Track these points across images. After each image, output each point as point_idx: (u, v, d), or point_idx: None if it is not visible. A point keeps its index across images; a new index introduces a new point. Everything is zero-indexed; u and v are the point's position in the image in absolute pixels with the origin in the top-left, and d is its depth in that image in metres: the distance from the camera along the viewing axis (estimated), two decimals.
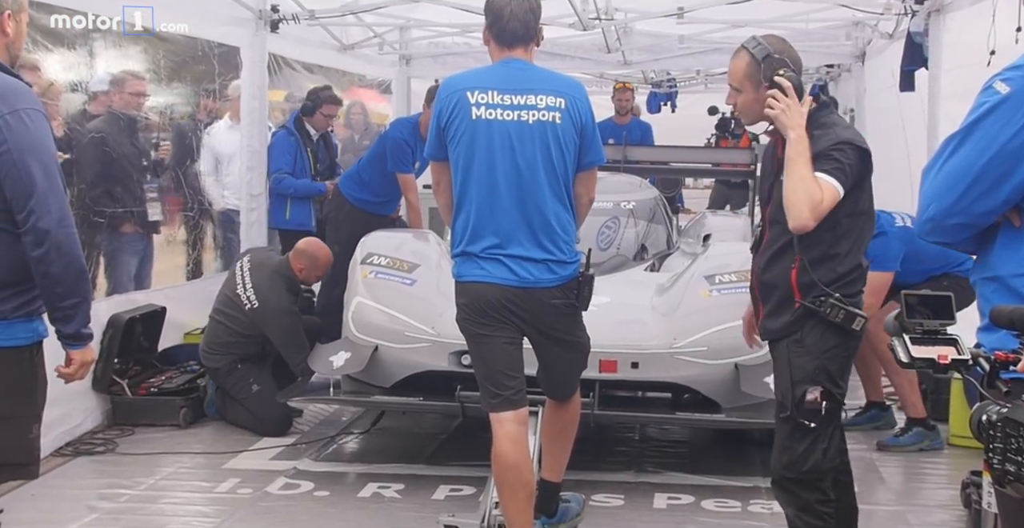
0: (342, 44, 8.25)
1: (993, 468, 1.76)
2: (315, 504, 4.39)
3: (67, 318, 2.98)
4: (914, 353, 1.87)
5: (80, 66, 5.84)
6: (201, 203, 6.99)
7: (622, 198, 6.07)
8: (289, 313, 5.44)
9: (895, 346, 1.89)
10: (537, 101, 3.44)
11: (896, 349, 1.89)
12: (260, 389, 5.37)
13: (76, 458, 4.94)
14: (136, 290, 5.85)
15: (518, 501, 3.47)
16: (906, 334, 1.89)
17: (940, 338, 1.89)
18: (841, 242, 2.99)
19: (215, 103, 7.21)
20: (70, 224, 2.92)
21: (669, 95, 12.63)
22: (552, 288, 3.46)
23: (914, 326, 1.89)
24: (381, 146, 6.63)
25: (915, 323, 1.90)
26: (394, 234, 5.67)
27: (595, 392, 4.43)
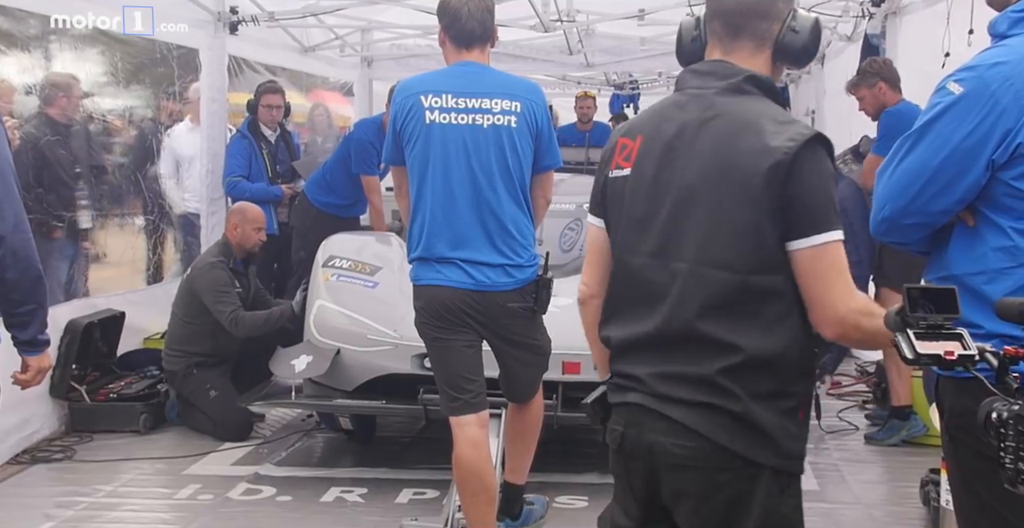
0: (303, 46, 8.20)
1: (1005, 468, 1.68)
2: (277, 509, 4.36)
3: (24, 324, 2.95)
4: (919, 349, 1.76)
5: (35, 69, 5.78)
6: (161, 206, 6.92)
7: (584, 200, 6.04)
8: (213, 266, 5.40)
9: (899, 342, 1.79)
10: (492, 105, 3.44)
11: (900, 345, 1.79)
12: (218, 395, 5.33)
13: (33, 466, 4.87)
14: (68, 299, 5.71)
15: (480, 505, 3.47)
16: (910, 329, 1.78)
17: (944, 333, 1.79)
18: None
19: (177, 105, 7.15)
20: (26, 230, 2.89)
21: (632, 97, 12.67)
22: (509, 291, 3.46)
23: (917, 320, 1.78)
24: (345, 148, 6.59)
25: (918, 317, 1.79)
26: (356, 237, 5.65)
27: (558, 394, 4.43)
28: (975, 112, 2.14)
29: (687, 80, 2.11)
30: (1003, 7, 2.26)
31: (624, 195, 2.09)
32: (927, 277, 2.33)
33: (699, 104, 2.05)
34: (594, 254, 2.22)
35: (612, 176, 2.12)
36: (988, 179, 2.17)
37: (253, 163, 6.57)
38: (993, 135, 2.13)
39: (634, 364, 2.06)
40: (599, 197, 2.17)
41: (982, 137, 2.13)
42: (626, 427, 2.05)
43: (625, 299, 2.11)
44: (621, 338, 2.09)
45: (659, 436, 2.00)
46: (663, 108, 2.12)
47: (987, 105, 2.13)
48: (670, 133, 2.05)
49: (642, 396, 2.03)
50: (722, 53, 2.09)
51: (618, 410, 2.09)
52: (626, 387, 2.07)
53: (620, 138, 2.13)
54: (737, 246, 1.98)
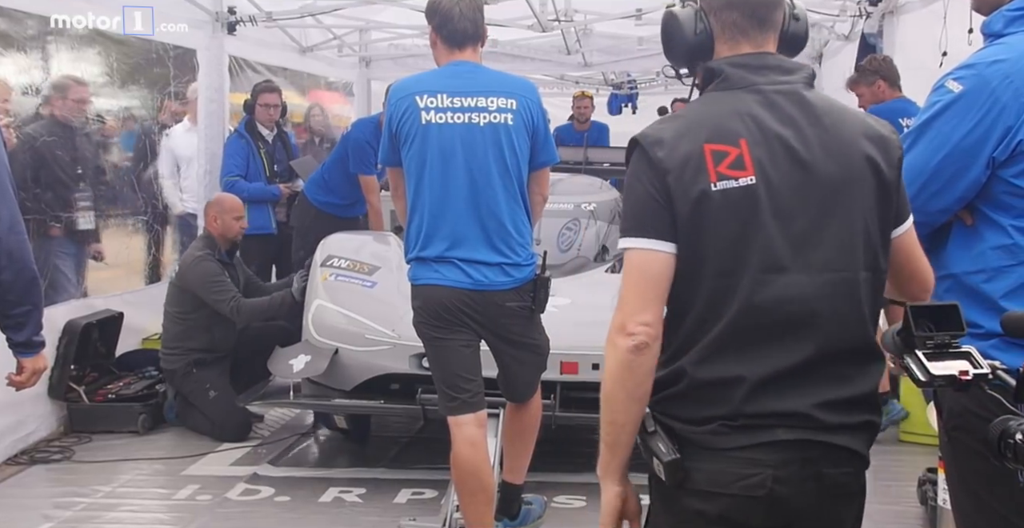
0: (301, 46, 8.20)
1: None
2: (275, 509, 4.36)
3: (19, 325, 2.95)
4: (933, 371, 1.68)
5: (33, 69, 5.77)
6: (159, 207, 6.92)
7: (583, 199, 6.08)
8: (201, 260, 5.41)
9: (909, 364, 1.72)
10: (488, 103, 3.43)
11: (911, 368, 1.71)
12: (217, 395, 5.33)
13: (31, 466, 4.87)
14: (70, 299, 5.69)
15: (478, 505, 3.47)
16: (918, 350, 1.71)
17: (952, 352, 1.71)
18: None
19: (180, 106, 7.15)
20: (21, 231, 2.89)
21: (630, 97, 12.67)
22: (507, 291, 3.45)
23: (923, 340, 1.71)
24: (343, 148, 6.59)
25: (925, 337, 1.71)
26: (354, 236, 5.65)
27: (556, 394, 4.43)
28: (975, 110, 2.14)
29: (746, 76, 1.88)
30: (992, 10, 2.26)
31: (749, 207, 1.80)
32: None
33: (792, 100, 1.88)
34: (655, 287, 1.81)
35: (719, 189, 1.80)
36: (988, 177, 2.17)
37: (250, 163, 6.57)
38: (993, 133, 2.13)
39: (784, 399, 1.81)
40: (686, 216, 1.80)
41: (982, 135, 2.13)
42: (778, 468, 1.80)
43: (752, 329, 1.81)
44: (762, 375, 1.80)
45: (827, 468, 1.83)
46: (742, 107, 1.86)
47: (987, 103, 2.13)
48: (785, 133, 1.84)
49: (800, 431, 1.81)
50: (752, 46, 1.92)
51: (760, 451, 1.81)
52: (768, 425, 1.81)
53: (706, 145, 1.81)
54: (875, 243, 1.87)
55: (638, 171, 1.85)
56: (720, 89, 1.90)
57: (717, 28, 1.92)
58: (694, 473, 1.81)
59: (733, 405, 1.81)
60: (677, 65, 2.01)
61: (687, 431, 1.83)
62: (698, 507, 1.83)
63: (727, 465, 1.81)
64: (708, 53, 1.93)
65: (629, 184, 1.88)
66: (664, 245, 1.81)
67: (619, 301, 1.83)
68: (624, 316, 1.81)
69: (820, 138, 1.86)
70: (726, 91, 1.89)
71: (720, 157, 1.81)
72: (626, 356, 1.80)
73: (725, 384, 1.81)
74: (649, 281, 1.82)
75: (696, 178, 1.80)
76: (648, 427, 1.85)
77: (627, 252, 1.85)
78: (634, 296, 1.82)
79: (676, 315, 1.84)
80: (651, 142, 1.84)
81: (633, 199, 1.85)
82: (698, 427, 1.82)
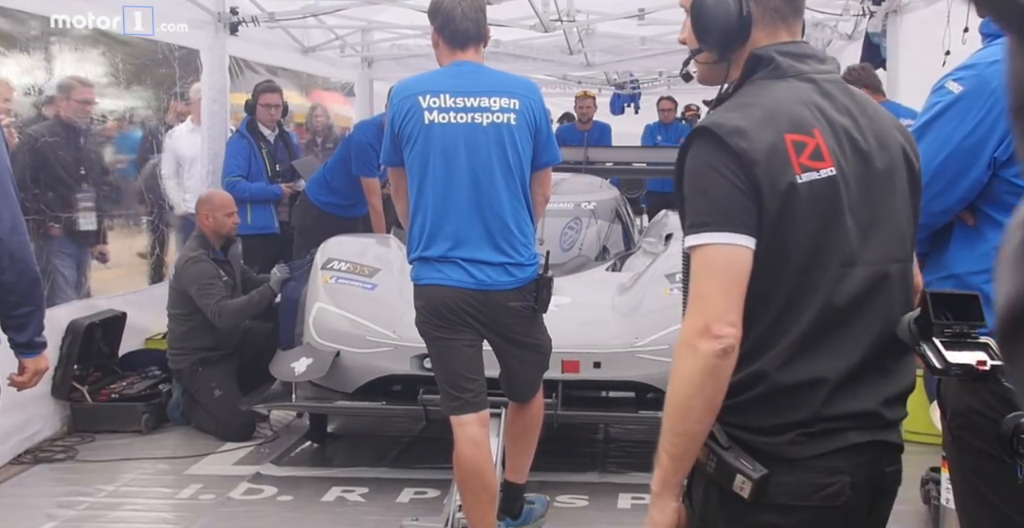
0: (303, 47, 8.21)
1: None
2: (278, 509, 4.36)
3: (20, 326, 2.95)
4: (949, 359, 1.64)
5: (36, 70, 5.78)
6: (162, 207, 6.93)
7: (583, 199, 6.09)
8: (195, 260, 5.42)
9: (925, 351, 1.68)
10: (491, 103, 3.44)
11: (927, 354, 1.67)
12: (223, 394, 5.34)
13: (35, 466, 4.88)
14: (72, 299, 5.72)
15: (481, 504, 3.47)
16: (935, 338, 1.67)
17: (971, 342, 1.67)
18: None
19: (180, 105, 7.16)
20: (23, 232, 2.89)
21: (632, 97, 12.70)
22: (510, 290, 3.46)
23: (942, 328, 1.67)
24: (346, 149, 6.59)
25: (943, 325, 1.67)
26: (355, 239, 5.65)
27: (558, 393, 4.44)
28: (976, 110, 2.14)
29: (794, 65, 1.82)
30: None
31: (831, 199, 1.73)
32: (926, 278, 2.32)
33: (839, 90, 1.83)
34: (740, 285, 1.68)
35: (804, 181, 1.71)
36: (990, 177, 2.16)
37: (252, 163, 6.58)
38: (994, 133, 2.12)
39: (857, 399, 1.75)
40: (774, 210, 1.70)
41: (983, 135, 2.13)
42: (853, 474, 1.74)
43: (831, 326, 1.73)
44: (840, 374, 1.73)
45: (887, 466, 1.81)
46: (804, 96, 1.79)
47: (988, 103, 2.13)
48: (846, 124, 1.78)
49: (868, 432, 1.76)
50: (788, 34, 1.85)
51: (836, 458, 1.74)
52: (841, 429, 1.74)
53: (787, 135, 1.73)
54: (910, 235, 1.85)
55: (715, 162, 1.71)
56: (771, 77, 1.81)
57: (758, 13, 1.83)
58: (769, 486, 1.71)
59: (814, 408, 1.72)
60: (709, 48, 1.88)
61: (761, 443, 1.73)
62: (774, 521, 1.74)
63: (806, 476, 1.73)
64: (744, 38, 1.84)
65: (702, 175, 1.73)
66: (749, 240, 1.69)
67: (697, 301, 1.69)
68: (709, 317, 1.66)
69: (871, 128, 1.82)
70: (779, 79, 1.81)
71: (801, 147, 1.73)
72: (710, 361, 1.66)
73: (807, 386, 1.73)
74: (735, 278, 1.69)
75: (783, 170, 1.70)
76: (723, 442, 1.74)
77: (706, 248, 1.70)
78: (719, 295, 1.68)
79: (748, 314, 1.71)
80: (729, 131, 1.71)
81: (712, 191, 1.71)
82: (773, 437, 1.73)
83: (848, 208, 1.74)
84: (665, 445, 1.74)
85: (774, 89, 1.79)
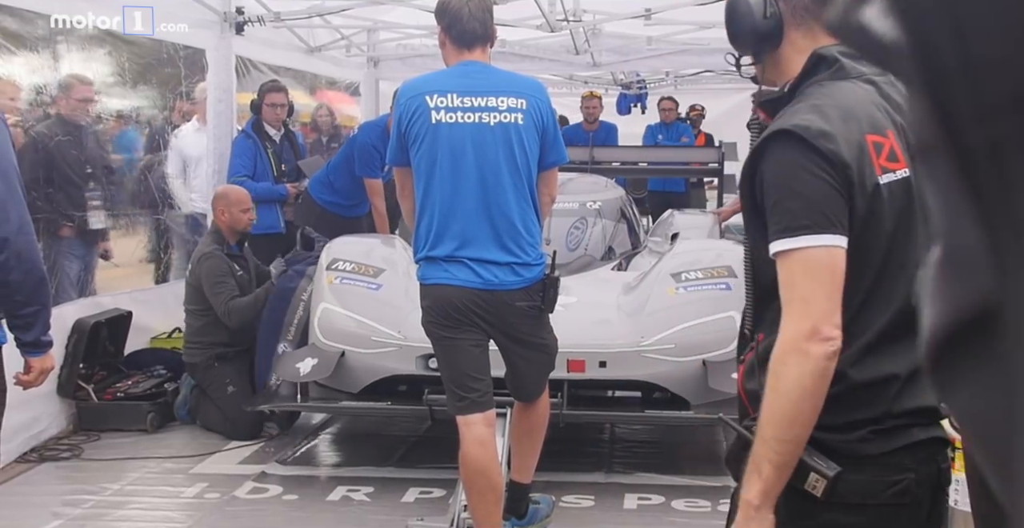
0: (309, 46, 8.21)
1: None
2: (283, 508, 4.37)
3: (27, 326, 2.96)
4: None
5: (44, 69, 5.79)
6: (168, 206, 6.93)
7: (588, 198, 6.09)
8: (209, 256, 5.45)
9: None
10: (498, 103, 3.44)
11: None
12: (235, 391, 5.35)
13: (41, 464, 4.89)
14: (79, 297, 5.73)
15: (487, 504, 3.47)
16: None
17: None
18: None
19: (186, 105, 7.16)
20: (30, 232, 2.90)
21: (639, 97, 12.67)
22: (516, 290, 3.45)
23: None
24: (349, 150, 6.60)
25: None
26: (360, 239, 5.65)
27: (563, 392, 4.43)
28: None
29: (856, 66, 1.80)
30: None
31: (906, 200, 1.74)
32: None
33: (898, 93, 1.80)
34: (840, 286, 1.68)
35: (885, 181, 1.73)
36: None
37: (258, 162, 6.59)
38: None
39: (924, 394, 1.74)
40: (862, 211, 1.71)
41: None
42: (918, 470, 1.75)
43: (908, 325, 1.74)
44: (909, 370, 1.74)
45: (942, 462, 1.80)
46: (871, 97, 1.79)
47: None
48: (905, 126, 1.78)
49: (930, 428, 1.77)
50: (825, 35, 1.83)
51: (902, 455, 1.75)
52: (906, 426, 1.75)
53: (868, 135, 1.73)
54: None
55: (806, 165, 1.70)
56: (836, 78, 1.79)
57: (787, 12, 1.82)
58: (839, 484, 1.70)
59: (886, 405, 1.73)
60: (742, 51, 1.90)
61: (833, 440, 1.72)
62: (843, 521, 1.74)
63: (876, 473, 1.73)
64: (777, 39, 1.83)
65: (794, 178, 1.71)
66: (845, 241, 1.70)
67: (801, 305, 1.67)
68: (816, 319, 1.65)
69: None
70: (842, 80, 1.79)
71: (880, 148, 1.74)
72: (821, 364, 1.64)
73: (881, 383, 1.74)
74: (837, 280, 1.68)
75: (868, 171, 1.72)
76: None
77: (807, 251, 1.68)
78: (824, 297, 1.66)
79: None
80: (815, 134, 1.70)
81: (808, 193, 1.69)
82: (844, 435, 1.73)
83: (914, 209, 1.74)
84: (768, 454, 1.69)
85: (842, 90, 1.78)
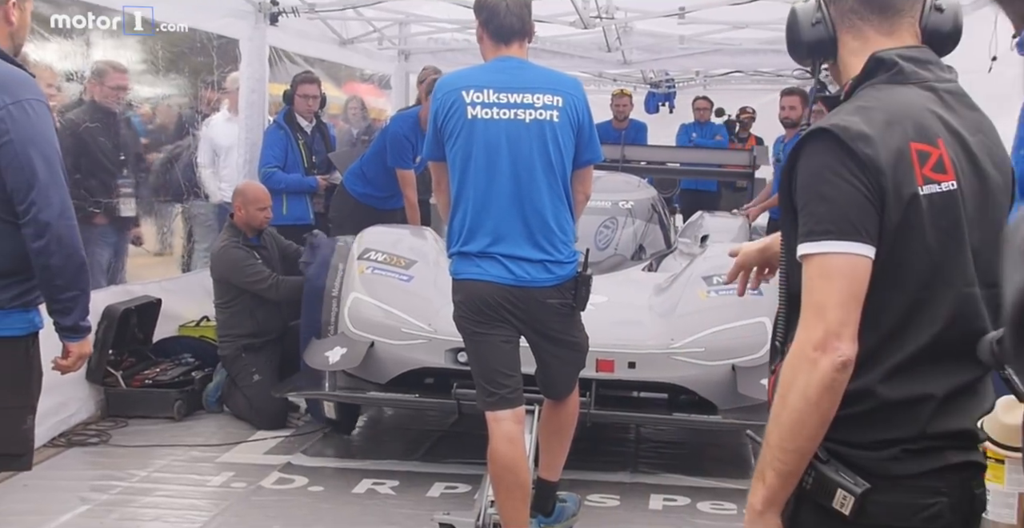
0: (341, 38, 8.23)
1: None
2: (309, 499, 4.38)
3: (66, 310, 2.97)
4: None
5: (76, 55, 5.81)
6: (197, 195, 6.96)
7: (620, 197, 6.07)
8: (226, 249, 5.51)
9: (1011, 377, 1.57)
10: (534, 100, 3.42)
11: (1014, 380, 1.56)
12: (260, 380, 5.39)
13: (69, 449, 4.92)
14: (108, 285, 5.75)
15: (514, 501, 3.47)
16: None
17: None
18: None
19: (215, 94, 7.18)
20: (71, 216, 2.91)
21: (667, 95, 12.63)
22: (549, 288, 3.44)
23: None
24: (382, 141, 6.60)
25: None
26: (391, 230, 5.65)
27: (591, 392, 4.42)
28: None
29: (917, 71, 1.75)
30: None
31: (954, 214, 1.68)
32: None
33: (960, 101, 1.76)
34: (859, 297, 1.63)
35: (927, 193, 1.66)
36: None
37: (289, 153, 6.59)
38: None
39: (962, 417, 1.69)
40: (895, 221, 1.64)
41: None
42: (951, 495, 1.68)
43: (952, 345, 1.67)
44: (948, 391, 1.68)
45: (978, 487, 1.69)
46: (928, 104, 1.72)
47: None
48: (966, 137, 1.72)
49: (965, 452, 1.69)
50: (879, 33, 1.78)
51: (935, 478, 1.68)
52: (939, 448, 1.69)
53: (913, 143, 1.66)
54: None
55: (838, 167, 1.64)
56: (893, 82, 1.74)
57: (836, 17, 1.79)
58: (869, 505, 1.65)
59: (919, 426, 1.67)
60: (799, 61, 1.88)
61: (862, 457, 1.67)
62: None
63: (906, 495, 1.67)
64: (829, 46, 1.80)
65: (824, 180, 1.66)
66: (870, 250, 1.63)
67: (815, 312, 1.63)
68: (827, 329, 1.61)
69: (985, 145, 1.76)
70: (900, 85, 1.74)
71: (925, 158, 1.67)
72: (830, 375, 1.60)
73: (915, 403, 1.68)
74: (855, 290, 1.63)
75: (907, 179, 1.65)
76: (821, 456, 1.67)
77: (827, 257, 1.63)
78: (838, 306, 1.62)
79: (861, 326, 1.65)
80: (853, 136, 1.64)
81: (835, 198, 1.64)
82: (876, 452, 1.67)
83: (968, 224, 1.69)
84: (772, 462, 1.67)
85: (896, 94, 1.72)
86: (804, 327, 1.64)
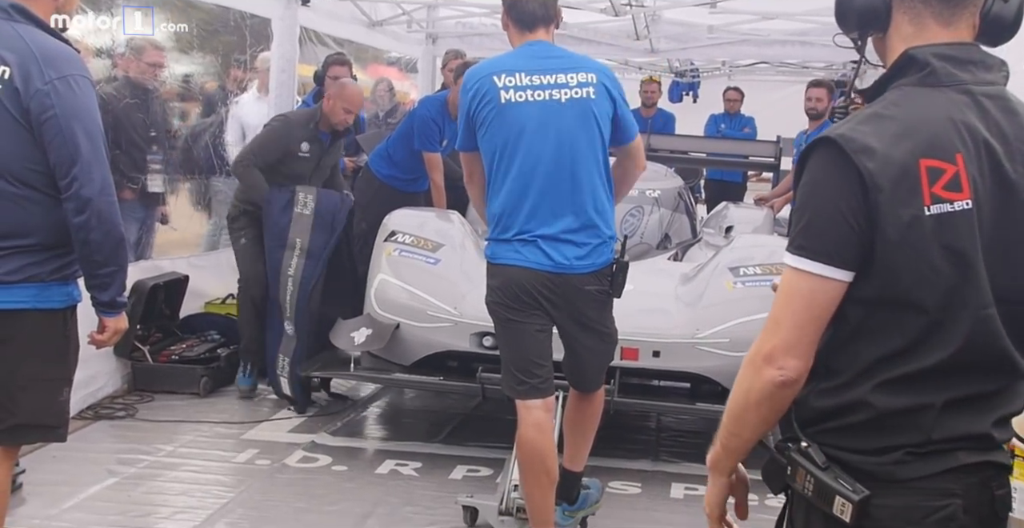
0: (371, 20, 8.23)
1: None
2: (333, 478, 4.42)
3: (104, 285, 2.99)
4: None
5: (110, 31, 5.83)
6: (226, 173, 6.98)
7: (647, 186, 6.06)
8: (286, 121, 5.65)
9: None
10: (568, 79, 3.39)
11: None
12: (246, 244, 5.52)
13: (96, 422, 4.98)
14: (137, 260, 5.78)
15: (541, 487, 3.48)
16: None
17: None
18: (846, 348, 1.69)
19: (244, 73, 7.20)
20: (112, 193, 2.93)
21: (692, 85, 12.60)
22: (586, 274, 3.44)
23: None
24: (409, 124, 6.60)
25: None
26: (418, 212, 5.67)
27: (616, 379, 4.44)
28: None
29: (953, 73, 1.65)
30: None
31: (964, 234, 1.59)
32: None
33: (999, 106, 1.66)
34: (818, 319, 1.61)
35: (932, 213, 1.58)
36: None
37: None
38: None
39: (972, 422, 1.66)
40: (894, 241, 1.57)
41: None
42: (965, 496, 1.64)
43: (965, 365, 1.63)
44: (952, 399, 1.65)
45: (998, 489, 1.69)
46: (956, 112, 1.63)
47: None
48: (996, 148, 1.62)
49: (979, 453, 1.66)
50: (941, 26, 1.68)
51: (946, 480, 1.64)
52: (950, 450, 1.65)
53: (922, 160, 1.58)
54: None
55: (830, 181, 1.60)
56: (922, 85, 1.65)
57: (899, 4, 1.70)
58: (875, 510, 1.62)
59: (923, 432, 1.63)
60: (847, 31, 1.78)
61: (865, 462, 1.64)
62: None
63: (915, 498, 1.63)
64: (881, 19, 1.71)
65: (813, 192, 1.63)
66: (841, 273, 1.60)
67: (772, 325, 1.63)
68: (776, 346, 1.62)
69: (1023, 153, 1.65)
70: (930, 88, 1.65)
71: (936, 175, 1.58)
72: (769, 389, 1.64)
73: (914, 412, 1.64)
74: (813, 312, 1.61)
75: (910, 199, 1.57)
76: (820, 462, 1.66)
77: (795, 272, 1.62)
78: (792, 325, 1.61)
79: (855, 340, 1.63)
80: (857, 148, 1.58)
81: (816, 213, 1.61)
82: (878, 457, 1.64)
83: (983, 244, 1.61)
84: (722, 433, 1.77)
85: (922, 100, 1.64)
86: (761, 334, 1.66)
